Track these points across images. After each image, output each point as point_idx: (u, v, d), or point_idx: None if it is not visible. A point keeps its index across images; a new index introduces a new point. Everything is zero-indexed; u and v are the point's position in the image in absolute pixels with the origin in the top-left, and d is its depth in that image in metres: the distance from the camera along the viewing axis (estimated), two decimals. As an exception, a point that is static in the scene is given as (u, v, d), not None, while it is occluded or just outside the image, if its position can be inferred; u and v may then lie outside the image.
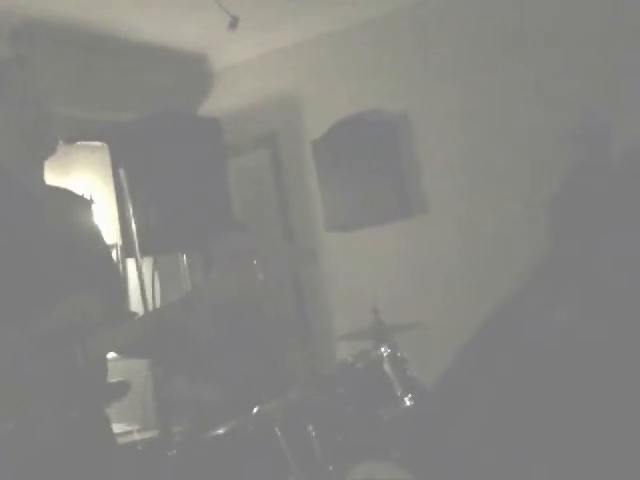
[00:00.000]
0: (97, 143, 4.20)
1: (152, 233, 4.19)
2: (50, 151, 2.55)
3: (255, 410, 3.39)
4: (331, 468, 3.41)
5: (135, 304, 3.34)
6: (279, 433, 3.37)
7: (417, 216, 5.17)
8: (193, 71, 5.81)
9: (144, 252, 4.15)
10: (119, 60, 5.22)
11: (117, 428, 3.27)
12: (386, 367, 3.62)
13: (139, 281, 3.25)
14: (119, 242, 4.60)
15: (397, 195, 5.14)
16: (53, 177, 2.67)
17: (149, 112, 4.99)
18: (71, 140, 2.77)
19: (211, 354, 3.67)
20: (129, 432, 3.67)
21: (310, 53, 5.55)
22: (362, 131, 5.23)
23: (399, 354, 3.72)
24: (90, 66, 4.98)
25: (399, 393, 3.60)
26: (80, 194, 2.78)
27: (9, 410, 2.26)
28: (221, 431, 3.37)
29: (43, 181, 2.61)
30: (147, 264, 4.43)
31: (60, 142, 2.57)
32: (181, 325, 2.54)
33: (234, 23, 4.64)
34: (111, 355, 2.63)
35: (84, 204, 2.75)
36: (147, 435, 3.77)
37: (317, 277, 5.42)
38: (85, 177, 4.99)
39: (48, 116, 2.50)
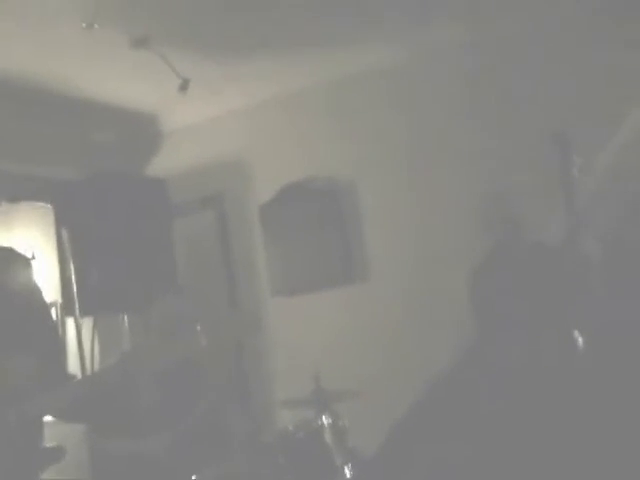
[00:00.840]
0: (40, 203, 4.19)
1: (93, 293, 4.14)
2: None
3: (193, 478, 3.33)
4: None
5: (74, 364, 3.28)
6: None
7: (360, 283, 5.19)
8: (141, 131, 5.80)
9: (84, 312, 4.11)
10: (65, 116, 5.18)
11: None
12: (326, 437, 3.58)
13: (77, 341, 3.19)
14: (59, 301, 4.52)
15: (341, 261, 5.16)
16: (-6, 234, 2.63)
17: (94, 171, 4.96)
18: (14, 199, 2.74)
19: (151, 415, 3.59)
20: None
21: (261, 116, 5.59)
22: (309, 197, 5.26)
23: (340, 423, 3.69)
24: (35, 122, 4.94)
25: (339, 463, 3.56)
26: (20, 252, 2.73)
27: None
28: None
29: None
30: (87, 324, 4.37)
31: (2, 201, 2.54)
32: (118, 388, 2.50)
33: (185, 85, 4.65)
34: (47, 419, 2.57)
35: (24, 262, 2.71)
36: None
37: (260, 342, 5.37)
38: (27, 234, 4.90)
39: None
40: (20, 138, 4.77)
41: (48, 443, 2.55)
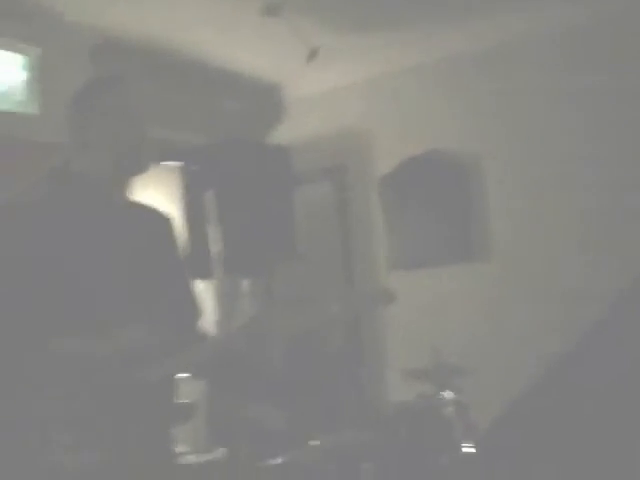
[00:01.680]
0: (173, 164, 4.26)
1: (218, 257, 4.20)
2: (141, 170, 2.55)
3: (312, 443, 3.35)
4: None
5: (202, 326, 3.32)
6: (333, 469, 3.33)
7: (481, 260, 5.11)
8: (267, 99, 5.84)
9: (208, 275, 4.18)
10: (195, 83, 5.26)
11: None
12: (448, 411, 3.56)
13: (209, 303, 3.23)
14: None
15: (462, 238, 5.09)
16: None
17: (222, 137, 5.04)
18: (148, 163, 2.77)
19: (274, 382, 3.63)
20: (184, 453, 3.62)
21: (386, 88, 5.54)
22: (432, 171, 5.20)
23: (460, 398, 3.66)
24: (169, 88, 5.02)
25: (459, 439, 3.53)
26: (162, 210, 2.77)
27: (70, 423, 2.23)
28: (279, 460, 3.33)
29: (127, 196, 2.61)
30: (212, 287, 4.46)
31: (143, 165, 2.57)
32: (246, 352, 2.52)
33: (313, 54, 4.66)
34: (180, 376, 2.61)
35: (166, 220, 2.75)
36: (202, 458, 3.72)
37: (377, 315, 5.37)
38: (156, 197, 5.01)
39: (143, 136, 2.51)
40: (154, 104, 4.85)
41: (181, 400, 2.59)
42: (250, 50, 5.07)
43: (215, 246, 4.30)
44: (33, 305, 2.30)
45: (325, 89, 5.70)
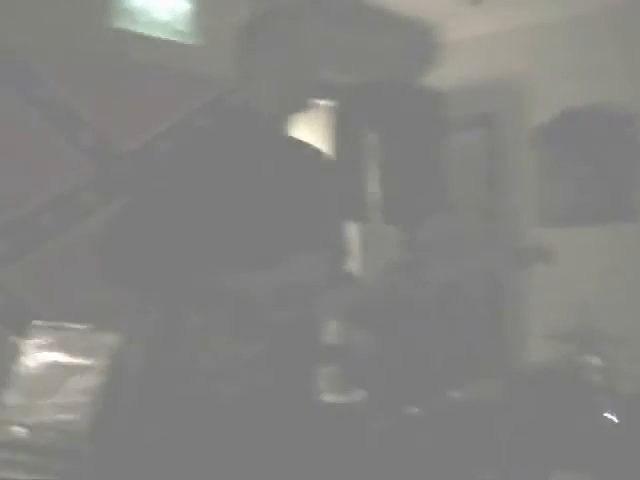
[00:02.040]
0: (329, 103, 4.24)
1: (368, 200, 4.18)
2: (304, 108, 2.53)
3: (449, 393, 3.35)
4: (517, 470, 3.32)
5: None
6: (469, 421, 3.32)
7: (640, 221, 4.88)
8: (424, 40, 5.72)
9: (361, 218, 4.17)
10: (352, 21, 5.19)
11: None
12: (593, 377, 3.46)
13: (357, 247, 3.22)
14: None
15: (622, 197, 4.87)
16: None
17: (375, 78, 4.97)
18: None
19: (415, 330, 3.62)
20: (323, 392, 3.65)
21: (546, 36, 5.32)
22: (592, 125, 4.98)
23: (606, 365, 3.55)
24: (327, 25, 4.97)
25: (603, 406, 3.44)
26: (324, 151, 2.76)
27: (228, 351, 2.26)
28: (416, 409, 3.34)
29: (287, 132, 2.61)
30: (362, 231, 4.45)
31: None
32: (405, 296, 2.50)
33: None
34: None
35: (328, 161, 2.74)
36: (340, 399, 3.74)
37: (525, 273, 5.24)
38: (309, 137, 5.00)
39: (314, 72, 2.49)
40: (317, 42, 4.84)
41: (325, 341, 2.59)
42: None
43: (366, 189, 4.28)
44: (195, 240, 2.34)
45: (485, 34, 5.52)
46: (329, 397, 3.57)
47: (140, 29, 4.36)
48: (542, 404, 3.46)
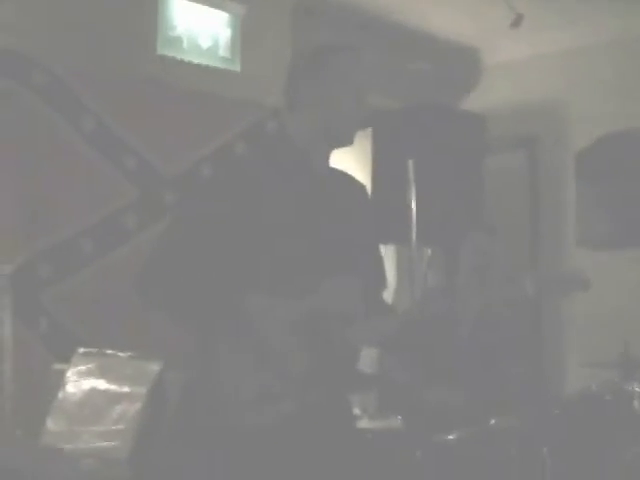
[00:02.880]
0: (368, 128, 4.23)
1: (408, 223, 4.15)
2: (349, 142, 2.54)
3: (493, 422, 3.32)
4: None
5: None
6: (513, 449, 3.29)
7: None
8: (461, 63, 5.73)
9: (400, 241, 4.14)
10: (389, 45, 5.21)
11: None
12: (637, 404, 3.41)
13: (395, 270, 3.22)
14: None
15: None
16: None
17: (414, 101, 4.96)
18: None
19: (456, 359, 3.60)
20: (359, 417, 3.65)
21: (585, 60, 5.32)
22: (630, 148, 4.94)
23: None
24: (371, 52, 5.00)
25: (646, 435, 3.39)
26: (358, 179, 2.76)
27: (262, 379, 2.27)
28: (452, 437, 3.32)
29: (327, 163, 2.62)
30: (400, 254, 4.44)
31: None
32: (439, 324, 2.49)
33: (518, 21, 4.51)
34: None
35: (362, 188, 2.74)
36: (377, 424, 3.73)
37: (562, 300, 5.20)
38: (343, 160, 5.01)
39: (362, 107, 2.49)
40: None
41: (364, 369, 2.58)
42: (452, 11, 4.96)
43: (406, 212, 4.26)
44: (229, 266, 2.35)
45: (525, 57, 5.51)
46: (363, 422, 3.56)
47: (184, 56, 4.43)
48: (584, 430, 3.43)
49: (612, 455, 3.39)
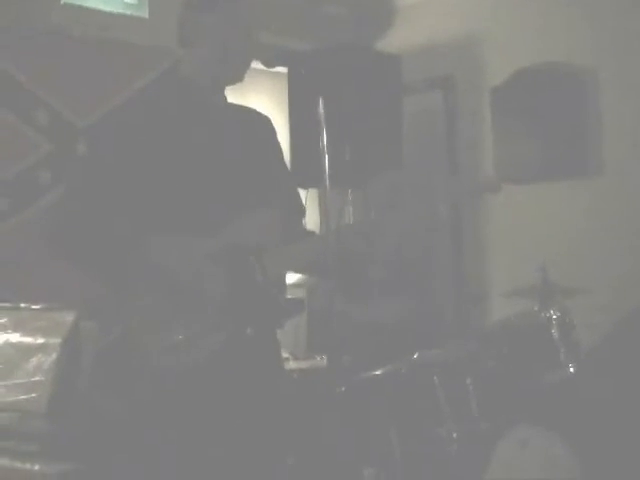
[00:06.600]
0: (279, 69, 4.18)
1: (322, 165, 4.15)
2: (240, 78, 2.53)
3: (415, 355, 3.36)
4: (484, 425, 3.35)
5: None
6: (437, 382, 3.34)
7: (593, 176, 4.92)
8: (375, 5, 5.69)
9: (315, 184, 4.14)
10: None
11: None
12: (554, 331, 3.48)
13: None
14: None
15: (575, 152, 4.89)
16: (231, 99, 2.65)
17: (328, 43, 4.93)
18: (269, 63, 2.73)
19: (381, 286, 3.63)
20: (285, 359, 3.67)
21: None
22: (546, 83, 4.98)
23: (567, 319, 3.58)
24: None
25: (564, 359, 3.47)
26: (263, 113, 2.76)
27: (182, 320, 2.27)
28: (378, 372, 3.35)
29: (225, 98, 2.61)
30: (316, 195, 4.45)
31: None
32: (359, 250, 2.51)
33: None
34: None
35: (267, 122, 2.73)
36: (302, 365, 3.75)
37: (482, 227, 5.28)
38: (260, 101, 4.98)
39: (252, 40, 2.49)
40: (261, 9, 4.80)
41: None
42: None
43: (320, 154, 4.25)
44: (138, 204, 2.34)
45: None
46: (289, 364, 3.58)
47: (89, 4, 4.32)
48: (504, 360, 3.49)
49: (533, 382, 3.47)
